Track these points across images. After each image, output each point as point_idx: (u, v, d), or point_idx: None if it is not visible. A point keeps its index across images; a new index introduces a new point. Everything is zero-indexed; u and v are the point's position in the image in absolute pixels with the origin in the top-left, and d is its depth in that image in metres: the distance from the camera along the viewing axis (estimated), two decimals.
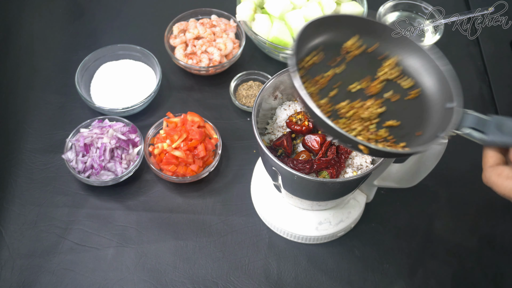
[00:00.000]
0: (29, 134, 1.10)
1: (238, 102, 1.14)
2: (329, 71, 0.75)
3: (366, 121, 0.71)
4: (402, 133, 0.71)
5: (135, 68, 1.17)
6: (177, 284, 0.94)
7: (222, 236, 0.99)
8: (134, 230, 1.00)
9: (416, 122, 0.73)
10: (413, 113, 0.74)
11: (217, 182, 1.06)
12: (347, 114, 0.71)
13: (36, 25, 1.29)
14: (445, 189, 1.05)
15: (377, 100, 0.73)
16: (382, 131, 0.71)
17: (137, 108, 1.11)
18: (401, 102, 0.74)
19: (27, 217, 1.00)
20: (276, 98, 0.92)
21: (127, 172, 1.02)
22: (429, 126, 0.72)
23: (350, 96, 0.73)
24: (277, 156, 0.88)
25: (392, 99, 0.74)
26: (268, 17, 1.15)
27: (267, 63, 1.22)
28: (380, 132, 0.70)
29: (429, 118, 0.73)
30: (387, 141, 0.70)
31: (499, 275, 0.96)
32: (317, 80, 0.73)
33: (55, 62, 1.22)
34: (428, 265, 0.97)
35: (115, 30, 1.28)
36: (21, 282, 0.93)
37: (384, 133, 0.71)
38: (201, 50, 1.16)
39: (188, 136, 1.02)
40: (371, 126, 0.71)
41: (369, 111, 0.72)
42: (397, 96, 0.74)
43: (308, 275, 0.96)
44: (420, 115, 0.73)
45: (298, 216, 0.97)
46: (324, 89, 0.73)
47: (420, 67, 0.76)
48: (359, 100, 0.73)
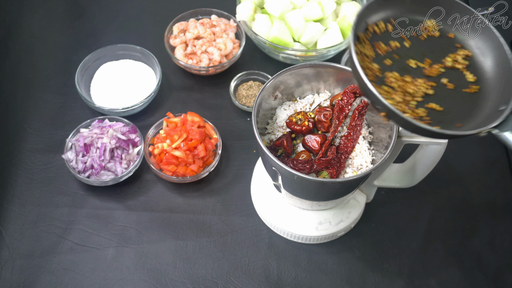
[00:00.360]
0: (29, 134, 1.10)
1: (238, 102, 1.14)
2: (395, 42, 0.75)
3: (409, 95, 0.71)
4: (441, 118, 0.71)
5: (135, 68, 1.17)
6: (177, 284, 0.94)
7: (222, 236, 0.99)
8: (134, 230, 1.00)
9: (461, 114, 0.72)
10: (462, 105, 0.73)
11: (217, 182, 1.06)
12: (393, 84, 0.71)
13: (36, 25, 1.29)
14: (445, 189, 1.05)
15: (430, 82, 0.73)
16: (421, 110, 0.70)
17: (137, 108, 1.11)
18: (454, 92, 0.74)
19: (27, 217, 1.00)
20: (276, 98, 0.92)
21: (127, 172, 1.02)
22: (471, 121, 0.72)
23: (405, 70, 0.74)
24: (277, 156, 0.88)
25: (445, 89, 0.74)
26: (268, 17, 1.15)
27: (267, 63, 1.22)
28: (418, 110, 0.70)
29: (476, 114, 0.72)
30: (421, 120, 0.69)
31: (499, 275, 0.96)
32: (377, 46, 0.74)
33: (55, 62, 1.22)
34: (428, 265, 0.97)
35: (115, 30, 1.28)
36: (21, 282, 0.93)
37: (422, 112, 0.70)
38: (201, 50, 1.16)
39: (188, 136, 1.02)
40: (412, 102, 0.71)
41: (416, 88, 0.72)
42: (452, 85, 0.74)
43: (308, 275, 0.96)
44: (468, 110, 0.73)
45: (298, 216, 0.97)
46: (382, 57, 0.74)
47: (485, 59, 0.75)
48: (411, 76, 0.73)
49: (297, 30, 1.13)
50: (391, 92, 0.71)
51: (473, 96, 0.74)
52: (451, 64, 0.75)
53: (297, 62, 1.17)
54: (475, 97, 0.74)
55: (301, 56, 1.14)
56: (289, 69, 0.88)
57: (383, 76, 0.72)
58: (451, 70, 0.75)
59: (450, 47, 0.77)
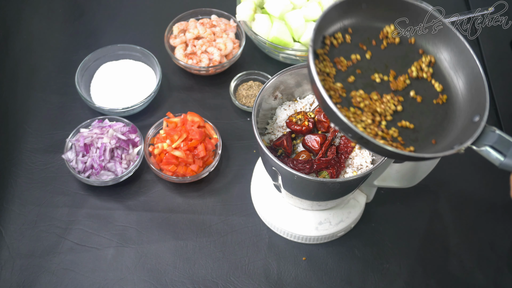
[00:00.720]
0: (29, 134, 1.10)
1: (238, 102, 1.14)
2: (356, 54, 0.71)
3: (378, 115, 0.67)
4: (415, 137, 0.67)
5: (135, 68, 1.17)
6: (177, 284, 0.94)
7: (222, 236, 0.99)
8: (134, 230, 1.00)
9: (433, 129, 0.68)
10: (433, 119, 0.69)
11: (217, 182, 1.06)
12: (360, 104, 0.67)
13: (36, 25, 1.29)
14: (445, 189, 1.05)
15: (397, 96, 0.69)
16: (392, 130, 0.67)
17: (137, 108, 1.11)
18: (423, 105, 0.70)
19: (27, 217, 1.00)
20: (276, 98, 0.92)
21: (127, 172, 1.02)
22: (447, 136, 0.68)
23: (370, 86, 0.69)
24: (277, 156, 0.88)
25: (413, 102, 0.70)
26: (268, 17, 1.15)
27: (267, 63, 1.22)
28: (390, 131, 0.67)
29: (450, 127, 0.68)
30: (395, 141, 0.66)
31: (499, 275, 0.96)
32: (338, 62, 0.69)
33: (55, 62, 1.22)
34: (428, 265, 0.97)
35: (115, 30, 1.28)
36: (21, 282, 0.93)
37: (394, 132, 0.67)
38: (201, 50, 1.16)
39: (188, 136, 1.02)
40: (383, 122, 0.67)
41: (385, 106, 0.68)
42: (420, 97, 0.70)
43: (308, 275, 0.96)
44: (440, 123, 0.69)
45: (298, 216, 0.97)
46: (344, 73, 0.69)
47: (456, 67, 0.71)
48: (376, 92, 0.69)
49: (297, 30, 1.13)
50: (359, 114, 0.67)
51: (443, 107, 0.70)
52: (416, 74, 0.72)
53: (297, 62, 1.17)
54: (445, 108, 0.70)
55: (301, 56, 1.14)
56: (289, 69, 0.88)
57: (348, 96, 0.68)
58: (417, 80, 0.72)
59: (413, 54, 0.73)
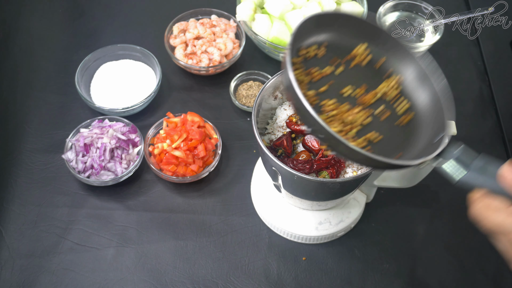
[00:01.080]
0: (29, 134, 1.10)
1: (238, 102, 1.14)
2: (327, 68, 0.73)
3: (347, 124, 0.70)
4: (381, 148, 0.69)
5: (135, 68, 1.17)
6: (177, 284, 0.94)
7: (222, 236, 0.99)
8: (134, 230, 1.00)
9: (400, 143, 0.71)
10: (400, 133, 0.72)
11: (217, 182, 1.06)
12: (331, 113, 0.70)
13: (36, 25, 1.29)
14: (445, 189, 1.05)
15: (366, 110, 0.72)
16: (361, 139, 0.69)
17: (137, 108, 1.11)
18: (391, 120, 0.73)
19: (27, 217, 1.00)
20: (276, 98, 0.92)
21: (127, 172, 1.02)
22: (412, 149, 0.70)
23: (340, 98, 0.72)
24: (277, 156, 0.88)
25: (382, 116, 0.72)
26: (268, 17, 1.15)
27: (267, 63, 1.22)
28: (359, 140, 0.69)
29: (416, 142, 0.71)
30: None
31: (499, 275, 0.96)
32: (311, 72, 0.72)
33: (55, 62, 1.22)
34: (428, 265, 0.97)
35: (115, 30, 1.28)
36: (21, 282, 0.93)
37: (363, 142, 0.69)
38: (201, 50, 1.16)
39: (188, 136, 1.02)
40: (351, 132, 0.69)
41: (354, 117, 0.70)
42: (387, 114, 0.73)
43: (308, 275, 0.96)
44: (407, 138, 0.72)
45: (298, 216, 0.97)
46: (316, 83, 0.72)
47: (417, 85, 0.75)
48: (347, 103, 0.71)
49: None
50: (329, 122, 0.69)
51: (410, 124, 0.73)
52: (385, 90, 0.74)
53: None
54: (412, 125, 0.73)
55: None
56: None
57: (319, 104, 0.70)
58: (386, 96, 0.74)
59: (383, 71, 0.76)
